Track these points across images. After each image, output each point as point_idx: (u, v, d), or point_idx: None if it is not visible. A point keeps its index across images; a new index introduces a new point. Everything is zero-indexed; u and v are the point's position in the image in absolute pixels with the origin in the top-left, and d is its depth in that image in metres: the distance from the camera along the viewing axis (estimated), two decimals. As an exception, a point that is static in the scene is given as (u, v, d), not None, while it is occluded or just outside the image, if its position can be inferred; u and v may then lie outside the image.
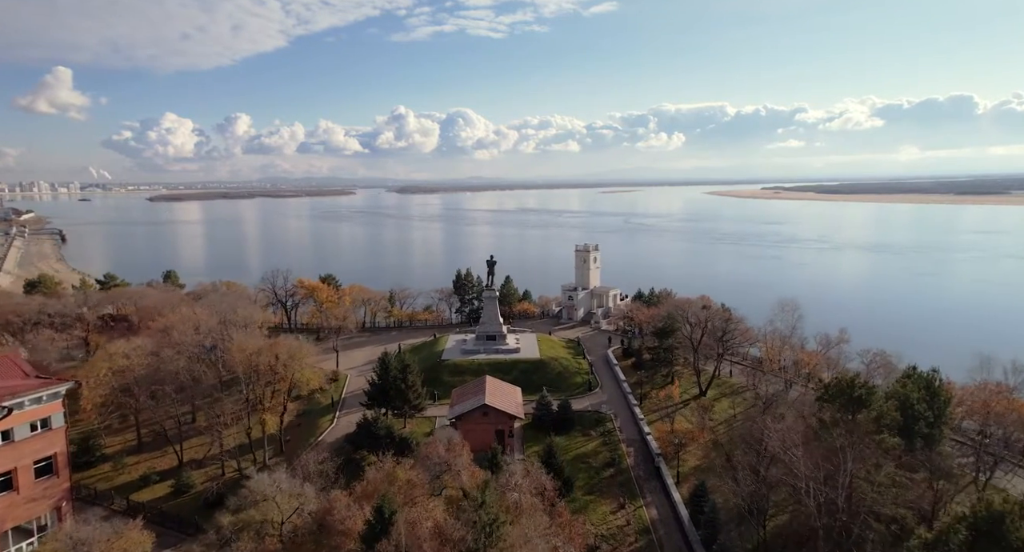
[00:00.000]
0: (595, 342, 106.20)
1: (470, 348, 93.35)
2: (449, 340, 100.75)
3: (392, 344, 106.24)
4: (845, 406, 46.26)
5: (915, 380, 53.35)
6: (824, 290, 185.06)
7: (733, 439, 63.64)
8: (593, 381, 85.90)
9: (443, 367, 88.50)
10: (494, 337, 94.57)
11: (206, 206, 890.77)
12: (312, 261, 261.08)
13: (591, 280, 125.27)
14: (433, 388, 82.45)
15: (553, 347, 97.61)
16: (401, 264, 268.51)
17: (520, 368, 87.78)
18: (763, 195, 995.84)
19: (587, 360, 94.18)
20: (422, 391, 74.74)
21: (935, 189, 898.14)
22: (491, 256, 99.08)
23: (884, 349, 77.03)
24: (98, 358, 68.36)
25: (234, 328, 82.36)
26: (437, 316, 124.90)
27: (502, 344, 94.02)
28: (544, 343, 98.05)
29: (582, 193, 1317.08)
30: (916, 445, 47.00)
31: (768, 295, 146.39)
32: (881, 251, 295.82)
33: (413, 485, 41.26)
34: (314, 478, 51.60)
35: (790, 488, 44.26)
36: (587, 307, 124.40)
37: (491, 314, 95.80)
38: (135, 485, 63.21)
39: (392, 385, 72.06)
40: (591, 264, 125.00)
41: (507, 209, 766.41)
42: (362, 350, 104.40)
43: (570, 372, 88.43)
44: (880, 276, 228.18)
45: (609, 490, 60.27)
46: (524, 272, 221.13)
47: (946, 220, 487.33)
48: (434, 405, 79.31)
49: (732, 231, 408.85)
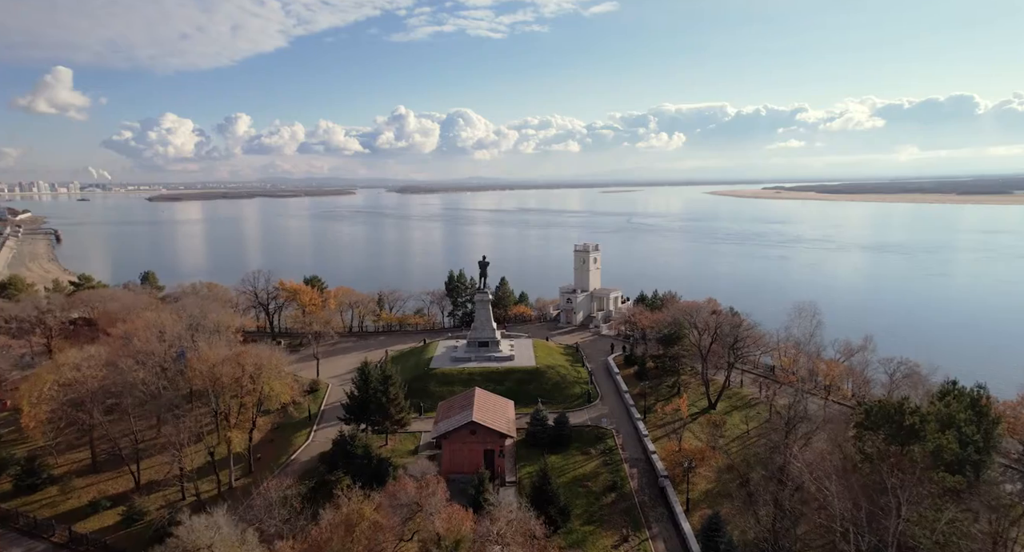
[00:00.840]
0: (595, 348, 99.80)
1: (461, 355, 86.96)
2: (439, 346, 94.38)
3: (379, 350, 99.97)
4: (893, 436, 39.74)
5: (958, 398, 46.87)
6: (837, 292, 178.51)
7: (748, 460, 57.15)
8: (593, 392, 79.50)
9: (431, 376, 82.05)
10: (487, 343, 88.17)
11: (205, 206, 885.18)
12: (303, 261, 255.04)
13: (591, 282, 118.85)
14: (420, 399, 76.13)
15: (550, 354, 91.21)
16: (395, 265, 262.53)
17: (514, 377, 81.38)
18: (764, 195, 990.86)
19: (587, 368, 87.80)
20: (405, 404, 68.40)
21: (936, 189, 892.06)
22: (483, 257, 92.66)
23: (908, 357, 70.83)
24: (44, 370, 61.86)
25: (204, 334, 76.16)
26: (428, 320, 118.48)
27: (495, 351, 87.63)
28: (540, 350, 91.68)
29: (582, 193, 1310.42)
30: (966, 473, 40.58)
31: (777, 297, 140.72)
32: (889, 251, 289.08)
33: (380, 528, 34.83)
34: (276, 510, 45.24)
35: (821, 528, 37.81)
36: (587, 310, 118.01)
37: (483, 319, 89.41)
38: (83, 512, 56.64)
39: (372, 398, 65.70)
40: (591, 265, 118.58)
41: (507, 209, 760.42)
42: (347, 357, 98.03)
43: (568, 382, 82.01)
44: (892, 277, 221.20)
45: (611, 519, 53.79)
46: (521, 273, 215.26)
47: (951, 220, 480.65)
48: (419, 418, 72.97)
49: (735, 231, 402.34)
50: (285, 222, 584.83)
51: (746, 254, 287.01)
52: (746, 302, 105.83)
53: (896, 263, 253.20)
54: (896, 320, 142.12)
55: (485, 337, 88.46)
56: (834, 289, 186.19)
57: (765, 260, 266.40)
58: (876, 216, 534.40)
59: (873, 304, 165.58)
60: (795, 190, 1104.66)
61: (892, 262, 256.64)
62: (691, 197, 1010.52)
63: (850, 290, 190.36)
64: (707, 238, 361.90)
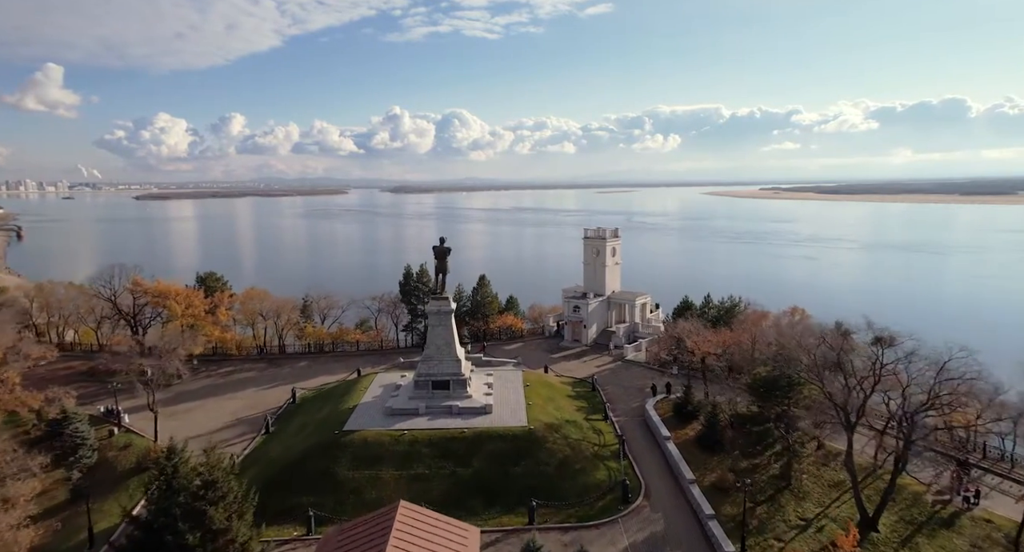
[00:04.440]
0: (621, 384, 64.64)
1: (401, 405, 51.62)
2: (375, 383, 59.13)
3: (282, 388, 64.68)
4: None
5: None
6: (924, 303, 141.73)
7: None
8: (632, 482, 44.34)
9: (342, 448, 46.57)
10: (445, 384, 52.84)
11: (192, 205, 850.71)
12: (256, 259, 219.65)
13: (608, 282, 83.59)
14: (316, 497, 41.12)
15: (552, 398, 55.90)
16: (362, 264, 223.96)
17: (490, 449, 46.17)
18: (763, 195, 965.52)
19: (614, 426, 52.61)
20: (253, 534, 32.92)
21: (937, 190, 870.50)
22: (441, 239, 56.72)
23: None
24: None
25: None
26: (375, 336, 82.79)
27: (459, 396, 52.32)
28: (537, 391, 56.45)
29: (578, 194, 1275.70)
30: None
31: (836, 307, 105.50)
32: (918, 250, 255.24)
33: None
34: None
35: None
36: (601, 322, 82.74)
37: (441, 343, 53.96)
38: None
39: (172, 528, 30.32)
40: (607, 258, 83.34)
41: (502, 207, 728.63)
42: (229, 400, 62.60)
43: (584, 456, 46.84)
44: (953, 281, 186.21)
45: None
46: (512, 273, 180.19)
47: (966, 220, 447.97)
48: (303, 546, 37.75)
49: (745, 229, 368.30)
50: (265, 220, 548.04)
51: (766, 253, 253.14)
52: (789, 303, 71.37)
53: (935, 263, 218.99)
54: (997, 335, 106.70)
55: (443, 373, 53.12)
56: (909, 295, 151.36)
57: (791, 260, 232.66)
58: (883, 216, 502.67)
59: (961, 312, 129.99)
60: (793, 191, 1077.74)
61: (931, 262, 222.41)
62: (689, 198, 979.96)
63: (932, 298, 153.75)
64: (717, 237, 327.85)
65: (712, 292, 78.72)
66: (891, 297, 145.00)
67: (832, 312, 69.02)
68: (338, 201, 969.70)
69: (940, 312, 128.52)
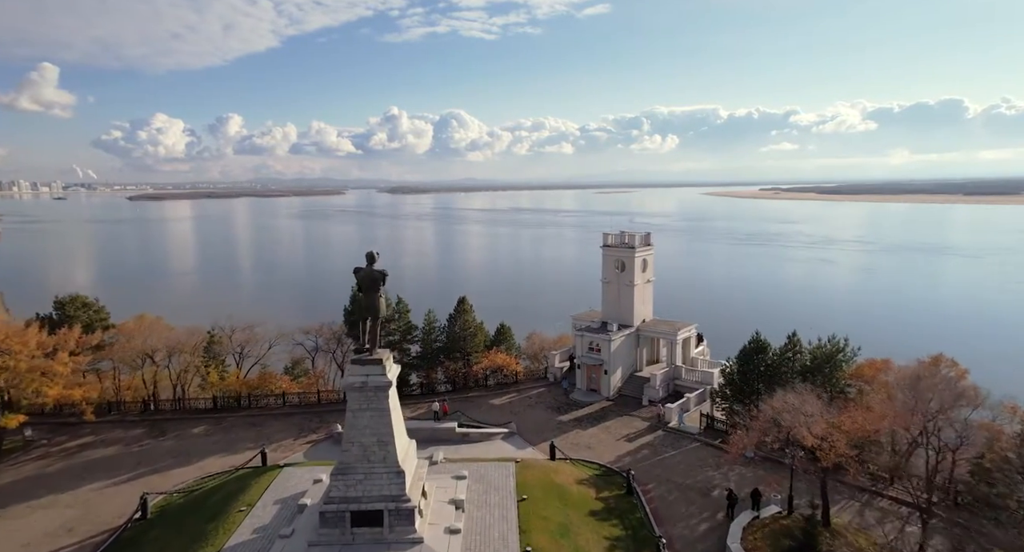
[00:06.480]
0: (670, 478, 41.25)
1: (316, 540, 28.43)
2: (269, 492, 35.81)
3: (140, 481, 41.05)
4: None
5: None
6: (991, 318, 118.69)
7: None
8: None
9: None
10: (376, 517, 29.37)
11: (187, 206, 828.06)
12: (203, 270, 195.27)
13: (637, 308, 59.70)
14: None
15: (564, 525, 32.51)
16: (327, 273, 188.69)
17: None
18: (763, 196, 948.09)
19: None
20: None
21: (938, 190, 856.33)
22: (369, 255, 32.77)
23: None
24: None
25: None
26: (311, 383, 59.00)
27: (401, 540, 28.99)
28: (538, 507, 33.16)
29: (577, 194, 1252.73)
30: None
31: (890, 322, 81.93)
32: (947, 253, 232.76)
33: None
34: None
35: None
36: (628, 364, 59.14)
37: (369, 442, 30.21)
38: None
39: None
40: (636, 275, 59.57)
41: (500, 208, 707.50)
42: (47, 507, 38.92)
43: None
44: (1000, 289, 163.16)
45: None
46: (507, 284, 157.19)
47: (981, 219, 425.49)
48: None
49: (751, 231, 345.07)
50: (251, 221, 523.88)
51: (779, 257, 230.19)
52: (842, 328, 48.42)
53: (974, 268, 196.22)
54: None
55: (372, 497, 29.46)
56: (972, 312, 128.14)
57: (808, 264, 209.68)
58: (889, 216, 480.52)
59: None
60: (793, 191, 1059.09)
61: (968, 267, 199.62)
62: (688, 198, 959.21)
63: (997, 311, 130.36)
64: (725, 239, 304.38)
65: (738, 307, 55.59)
66: (976, 319, 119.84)
67: (922, 340, 46.42)
68: (335, 202, 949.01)
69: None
